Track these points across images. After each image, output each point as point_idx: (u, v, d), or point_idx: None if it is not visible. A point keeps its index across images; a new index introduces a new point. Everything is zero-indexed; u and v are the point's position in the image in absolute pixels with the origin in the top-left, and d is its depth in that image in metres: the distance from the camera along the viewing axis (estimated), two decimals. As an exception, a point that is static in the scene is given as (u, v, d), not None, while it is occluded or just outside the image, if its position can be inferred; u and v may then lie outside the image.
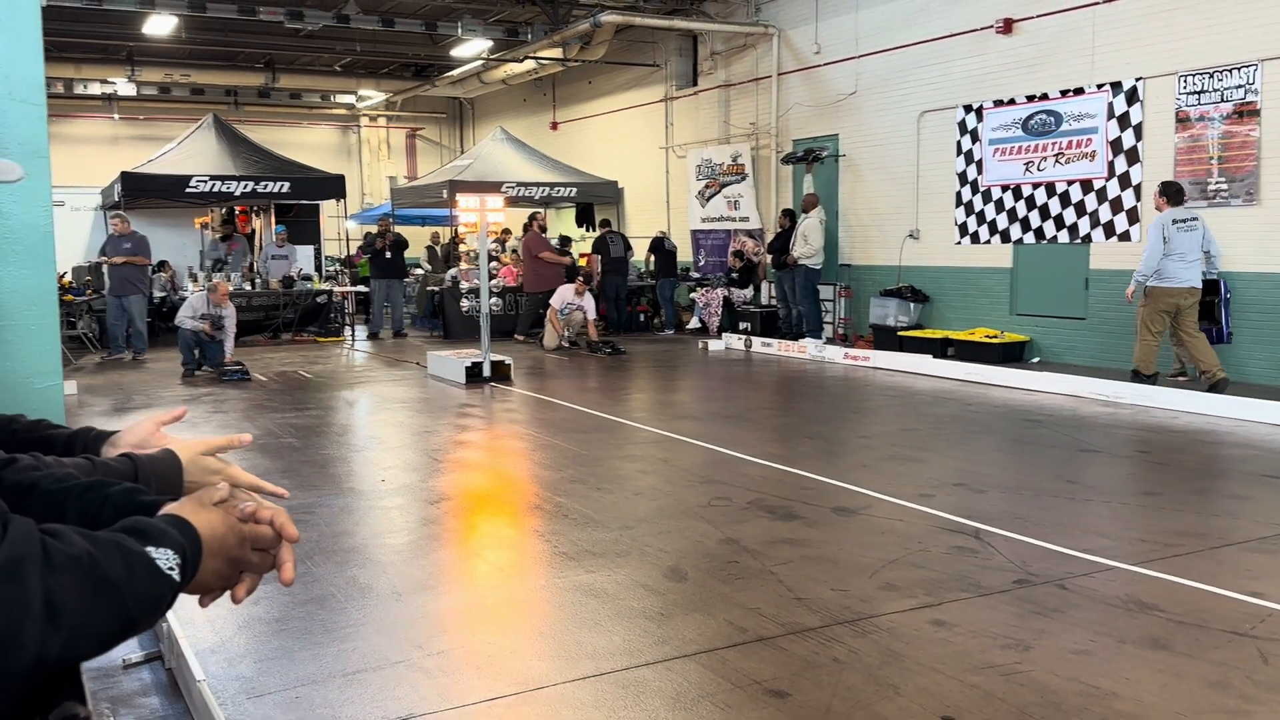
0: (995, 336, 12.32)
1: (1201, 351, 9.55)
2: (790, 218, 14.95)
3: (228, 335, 12.24)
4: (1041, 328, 12.37)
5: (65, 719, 1.01)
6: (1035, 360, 12.16)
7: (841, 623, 4.05)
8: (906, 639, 3.89)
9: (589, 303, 14.41)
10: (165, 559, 1.02)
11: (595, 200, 19.22)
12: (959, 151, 13.23)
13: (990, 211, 12.85)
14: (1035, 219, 12.37)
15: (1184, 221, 9.55)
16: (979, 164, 12.99)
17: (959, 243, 13.22)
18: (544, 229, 16.13)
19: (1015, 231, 12.61)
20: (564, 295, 14.34)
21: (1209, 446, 7.48)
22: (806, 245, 14.14)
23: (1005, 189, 12.70)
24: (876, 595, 4.37)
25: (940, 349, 12.41)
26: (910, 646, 3.82)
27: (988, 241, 12.94)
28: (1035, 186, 12.35)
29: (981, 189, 12.95)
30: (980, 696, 3.39)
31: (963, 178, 13.19)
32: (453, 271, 16.60)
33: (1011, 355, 12.09)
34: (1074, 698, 3.38)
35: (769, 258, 15.36)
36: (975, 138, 13.01)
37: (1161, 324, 9.66)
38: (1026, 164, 12.44)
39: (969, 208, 13.14)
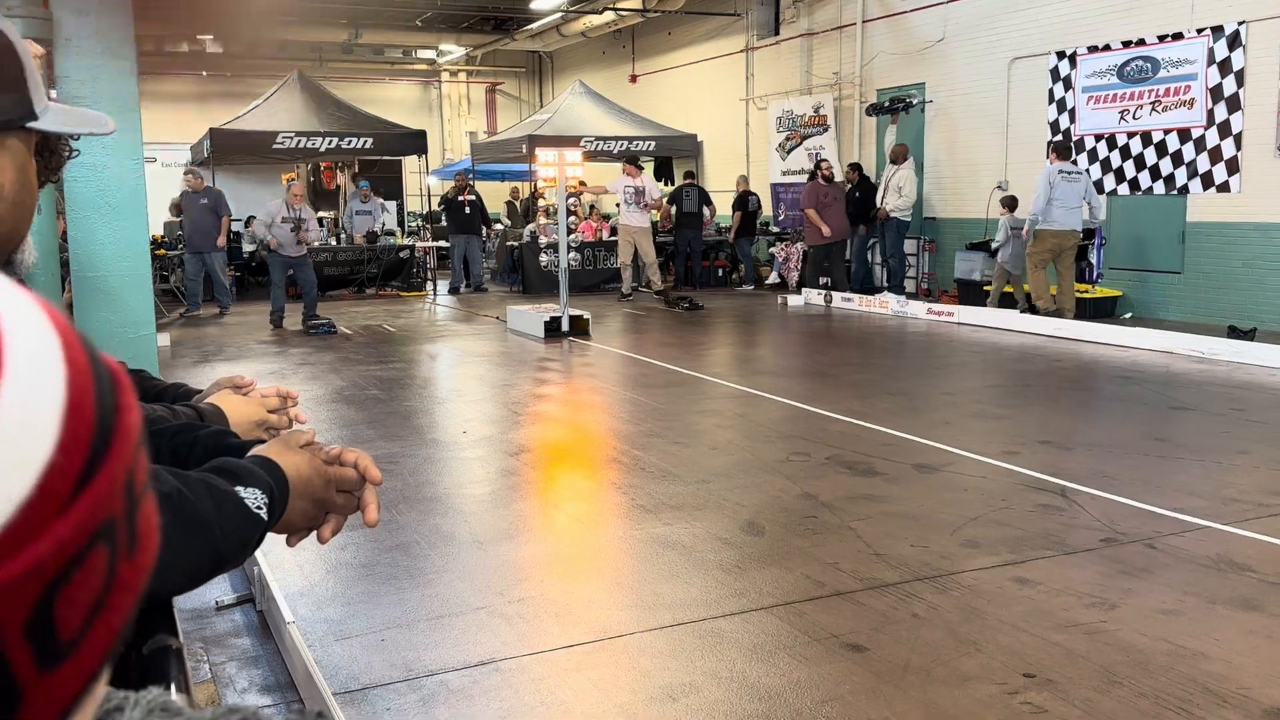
0: (1086, 291, 11.99)
1: (1065, 288, 11.24)
2: (858, 172, 14.79)
3: (311, 234, 12.43)
4: (1134, 282, 12.00)
5: (157, 649, 1.05)
6: (1127, 316, 11.82)
7: (921, 579, 4.03)
8: (988, 596, 3.85)
9: (650, 184, 14.63)
10: (254, 498, 1.05)
11: (674, 154, 19.09)
12: (1051, 100, 12.82)
13: (1083, 162, 12.45)
14: (1130, 169, 11.97)
15: (1069, 174, 11.11)
16: (1072, 113, 12.58)
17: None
18: (829, 179, 14.23)
19: (1109, 182, 12.22)
20: (620, 184, 14.63)
21: (1311, 405, 7.21)
22: (901, 197, 13.89)
23: (1099, 138, 12.29)
24: (958, 552, 4.33)
25: (1028, 303, 12.12)
26: (992, 604, 3.78)
27: (1079, 193, 12.54)
28: (1130, 136, 11.93)
29: (1075, 139, 12.55)
30: (1063, 655, 3.35)
31: (1054, 127, 12.80)
32: (531, 226, 16.69)
33: (1102, 310, 11.77)
34: (1160, 657, 3.31)
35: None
36: (1068, 85, 12.59)
37: (1044, 260, 11.22)
38: (1121, 112, 12.01)
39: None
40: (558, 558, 4.50)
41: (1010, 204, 12.14)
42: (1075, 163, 11.70)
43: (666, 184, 19.05)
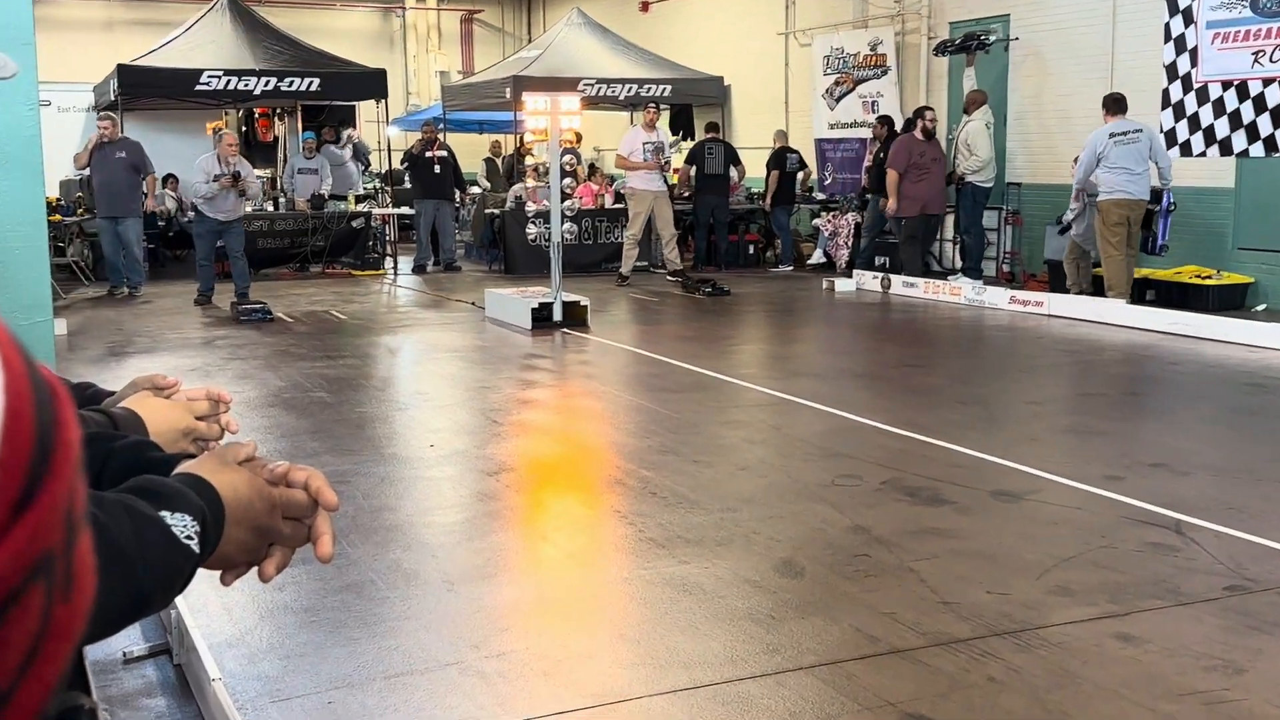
0: (1209, 277, 11.99)
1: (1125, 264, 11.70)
2: (888, 126, 14.95)
3: (251, 190, 13.02)
4: (1270, 266, 11.98)
5: (68, 709, 1.06)
6: (1261, 308, 11.81)
7: (1000, 634, 4.04)
8: (1083, 656, 3.86)
9: (666, 138, 14.98)
10: (182, 526, 1.05)
11: (695, 101, 19.10)
12: (1167, 37, 12.79)
13: (1207, 115, 12.42)
14: (1266, 125, 11.94)
15: (1121, 135, 11.60)
16: (1193, 53, 12.55)
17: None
18: (930, 133, 14.06)
19: (1239, 141, 12.19)
20: (636, 139, 14.83)
21: None
22: (973, 156, 13.85)
23: (1227, 86, 12.26)
24: (1045, 601, 4.34)
25: (1138, 292, 12.12)
26: (1088, 666, 3.79)
27: (1203, 153, 12.52)
28: (1267, 83, 11.90)
29: (1196, 86, 12.53)
30: (1176, 731, 3.36)
31: (1171, 71, 12.77)
32: (516, 190, 16.72)
33: (1230, 301, 11.76)
34: (1298, 736, 3.32)
35: (862, 187, 15.55)
36: (1188, 19, 12.56)
37: (1119, 236, 11.55)
38: (1256, 54, 11.97)
39: (1179, 110, 12.72)
40: (547, 603, 4.52)
41: None
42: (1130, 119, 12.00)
43: (685, 139, 19.06)
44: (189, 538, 1.05)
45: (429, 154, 16.52)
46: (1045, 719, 3.45)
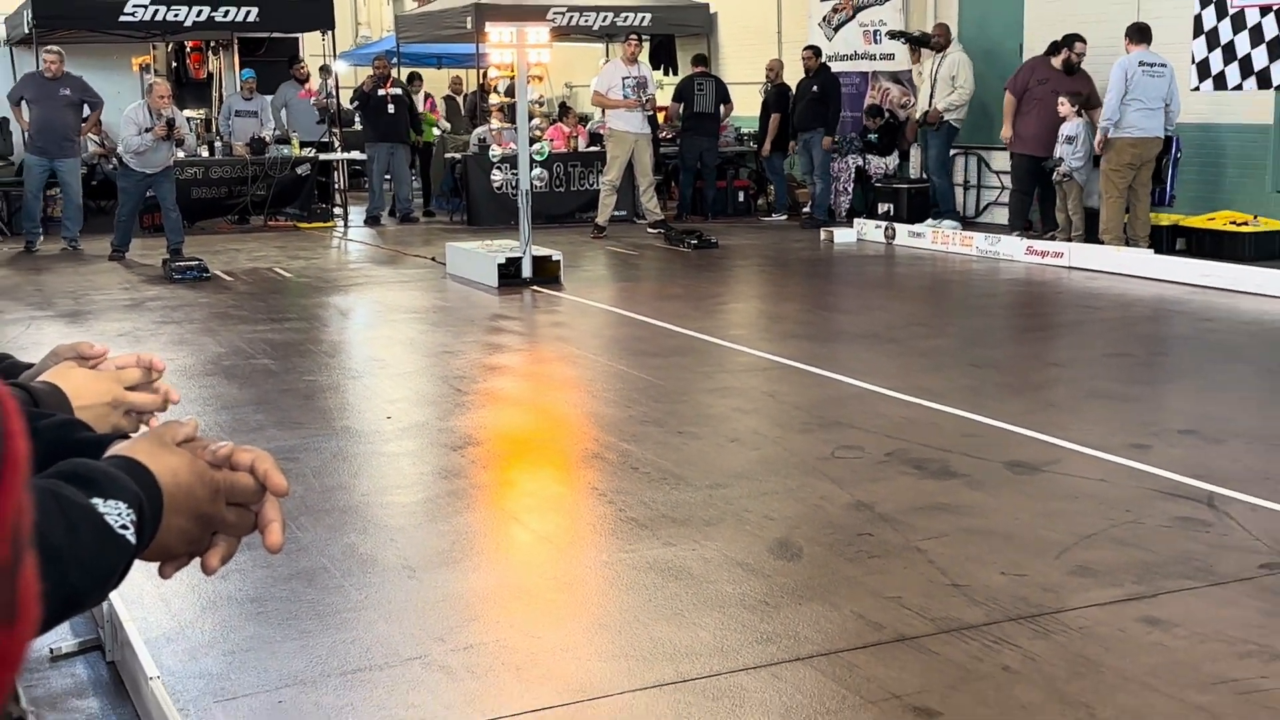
0: (1246, 223, 12.03)
1: (1140, 213, 12.04)
2: (818, 54, 15.39)
3: (188, 140, 13.32)
4: (1312, 212, 12.04)
5: (-6, 718, 1.07)
6: (1301, 258, 11.87)
7: (1015, 619, 4.08)
8: (1106, 642, 3.91)
9: (648, 73, 15.22)
10: (117, 514, 1.05)
11: (678, 31, 19.03)
12: (1200, -43, 12.80)
13: (1243, 43, 12.45)
14: (1309, 55, 11.97)
15: (1151, 66, 11.81)
16: (1228, -25, 12.56)
17: (1196, 88, 12.84)
18: (1073, 66, 12.98)
19: (1277, 73, 12.22)
20: (615, 73, 14.92)
21: None
22: (955, 92, 13.99)
23: (1266, 11, 12.27)
24: (1066, 583, 4.38)
25: (1166, 241, 12.16)
26: (1111, 653, 3.84)
27: (1239, 86, 12.55)
28: (1311, 8, 11.92)
29: (1232, 10, 12.54)
30: (1207, 722, 3.41)
31: (1203, -5, 12.79)
32: (479, 132, 16.63)
33: (1269, 250, 11.81)
34: (1340, 727, 3.38)
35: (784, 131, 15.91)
36: (1224, -63, 12.57)
37: (1127, 179, 11.91)
38: (1299, -25, 11.99)
39: (1212, 37, 12.74)
40: (518, 590, 4.54)
41: (1082, 99, 12.55)
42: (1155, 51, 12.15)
43: (668, 74, 18.98)
44: (124, 527, 1.05)
45: (381, 92, 16.42)
46: (1064, 711, 3.49)
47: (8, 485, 0.43)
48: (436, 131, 18.65)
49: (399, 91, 16.69)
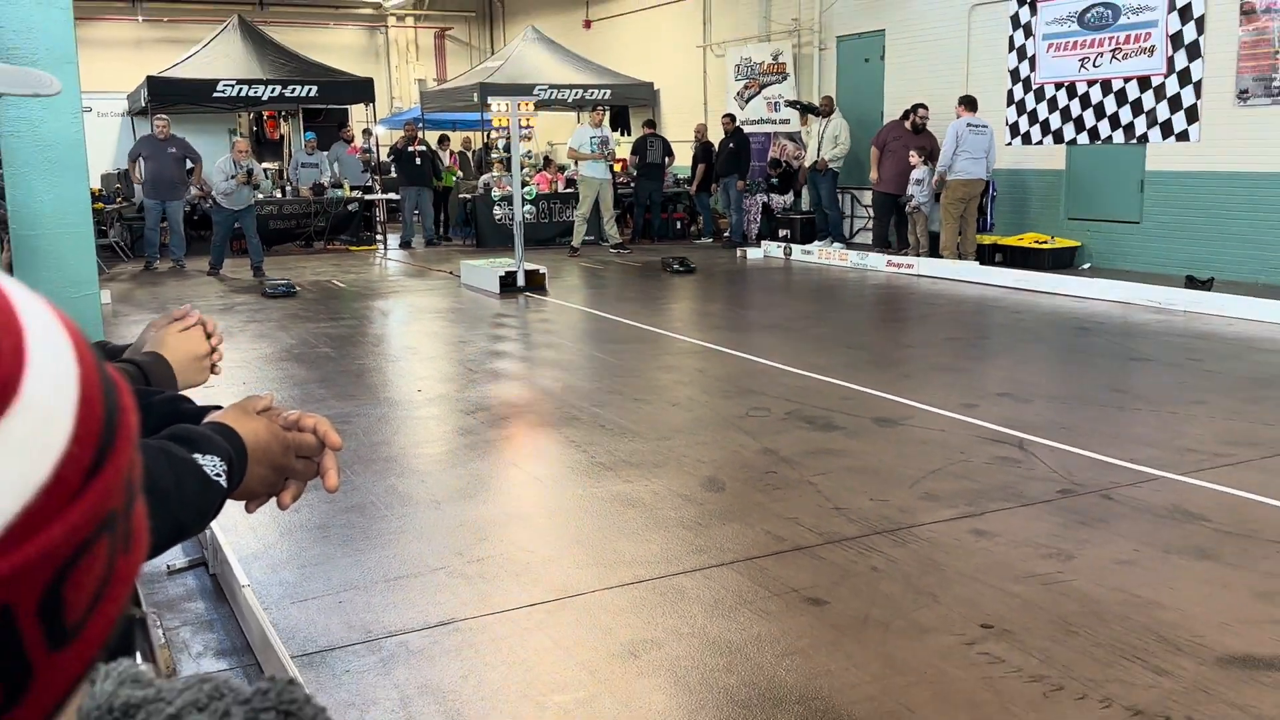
0: (1045, 242, 12.14)
1: (969, 235, 12.24)
2: (733, 120, 15.63)
3: (262, 183, 13.18)
4: (1093, 232, 12.16)
5: (123, 618, 1.05)
6: (1086, 266, 11.99)
7: (880, 532, 4.11)
8: (946, 549, 3.94)
9: (608, 133, 15.04)
10: (212, 466, 1.05)
11: (630, 103, 18.93)
12: (1011, 47, 12.87)
13: (1043, 110, 12.55)
14: (1090, 118, 12.07)
15: (976, 126, 12.10)
16: (1032, 60, 12.64)
17: (1010, 143, 12.94)
18: (919, 127, 13.07)
19: (1069, 131, 12.32)
20: (585, 134, 14.68)
21: (1263, 354, 7.39)
22: (837, 146, 14.14)
23: (1059, 86, 12.37)
24: (916, 506, 4.41)
25: (988, 255, 12.26)
26: (950, 556, 3.87)
27: (1040, 142, 12.66)
28: (1090, 84, 12.02)
29: (1034, 86, 12.63)
30: (1020, 605, 3.44)
31: (1015, 75, 12.86)
32: (485, 178, 16.53)
33: (1062, 261, 11.93)
34: (1116, 607, 3.42)
35: (695, 185, 16.05)
36: (1029, 33, 12.64)
37: (959, 210, 12.13)
38: (1082, 60, 12.09)
39: (1021, 106, 12.83)
40: (516, 517, 4.53)
41: (926, 152, 12.81)
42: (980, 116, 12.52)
43: (623, 134, 18.91)
44: (218, 475, 1.05)
45: (410, 148, 16.29)
46: (916, 600, 3.52)
47: (121, 445, 0.45)
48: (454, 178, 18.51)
49: (424, 148, 16.56)
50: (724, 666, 3.10)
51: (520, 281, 11.12)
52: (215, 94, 15.84)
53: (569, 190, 16.17)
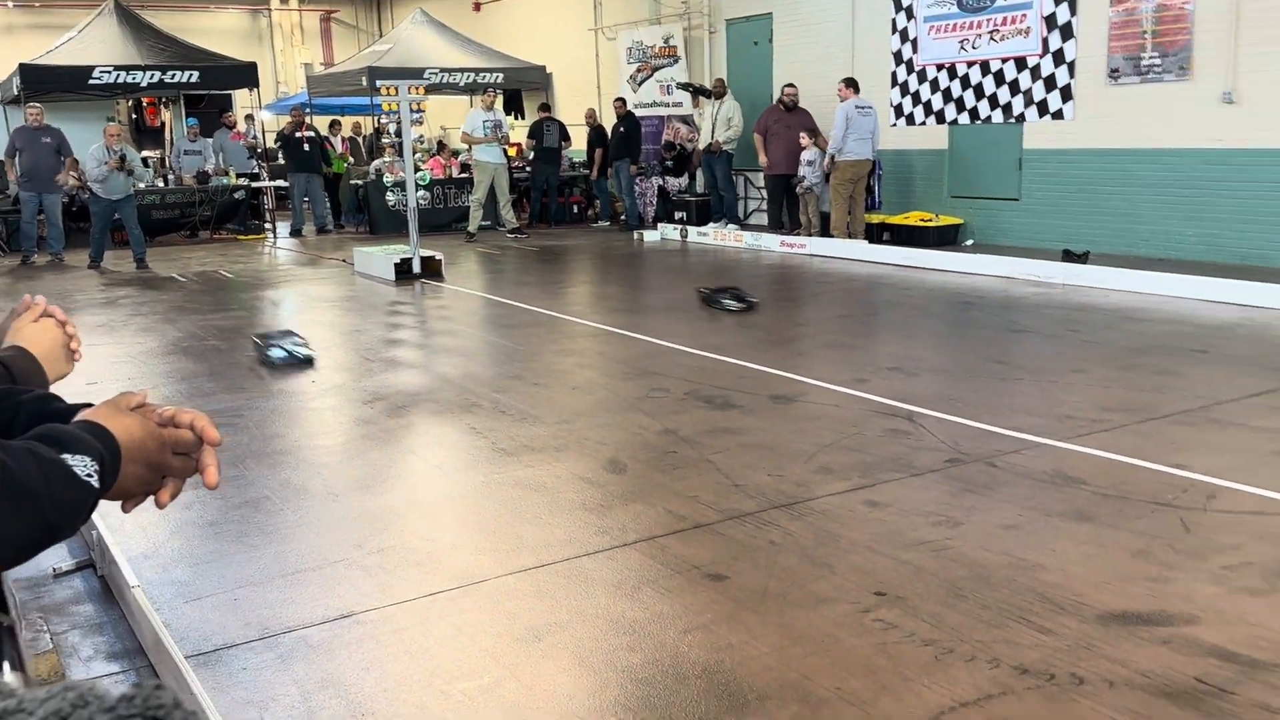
0: (929, 220, 12.43)
1: (857, 214, 12.47)
2: (624, 104, 15.72)
3: (137, 171, 12.80)
4: (975, 209, 12.50)
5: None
6: (969, 243, 12.32)
7: (778, 506, 4.17)
8: (841, 520, 4.02)
9: (502, 117, 14.97)
10: (83, 466, 1.02)
11: (523, 86, 18.78)
12: (894, 29, 13.12)
13: (926, 92, 12.83)
14: (970, 99, 12.39)
15: (863, 109, 12.30)
16: (914, 43, 12.91)
17: (894, 125, 13.21)
18: (789, 106, 13.32)
19: (950, 112, 12.63)
20: (478, 118, 14.54)
21: (1138, 324, 7.70)
22: (730, 128, 14.20)
23: (940, 68, 12.66)
24: (812, 479, 4.49)
25: (876, 234, 12.51)
26: (844, 527, 3.95)
27: (923, 123, 12.95)
28: (970, 65, 12.33)
29: (917, 69, 12.90)
30: (911, 572, 3.53)
31: (898, 57, 13.12)
32: (376, 164, 16.23)
33: (946, 239, 12.24)
34: (1001, 570, 3.53)
35: (595, 168, 16.02)
36: (910, 15, 12.90)
37: (849, 190, 12.34)
38: (961, 42, 12.39)
39: (904, 88, 13.10)
40: (417, 506, 4.47)
41: (814, 134, 13.02)
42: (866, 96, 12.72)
43: (517, 118, 18.75)
44: (89, 475, 1.02)
45: (298, 134, 15.91)
46: (814, 571, 3.59)
47: None
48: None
49: (313, 134, 16.19)
50: (627, 645, 3.12)
51: (416, 268, 10.96)
52: (91, 81, 15.23)
53: (464, 175, 15.99)
